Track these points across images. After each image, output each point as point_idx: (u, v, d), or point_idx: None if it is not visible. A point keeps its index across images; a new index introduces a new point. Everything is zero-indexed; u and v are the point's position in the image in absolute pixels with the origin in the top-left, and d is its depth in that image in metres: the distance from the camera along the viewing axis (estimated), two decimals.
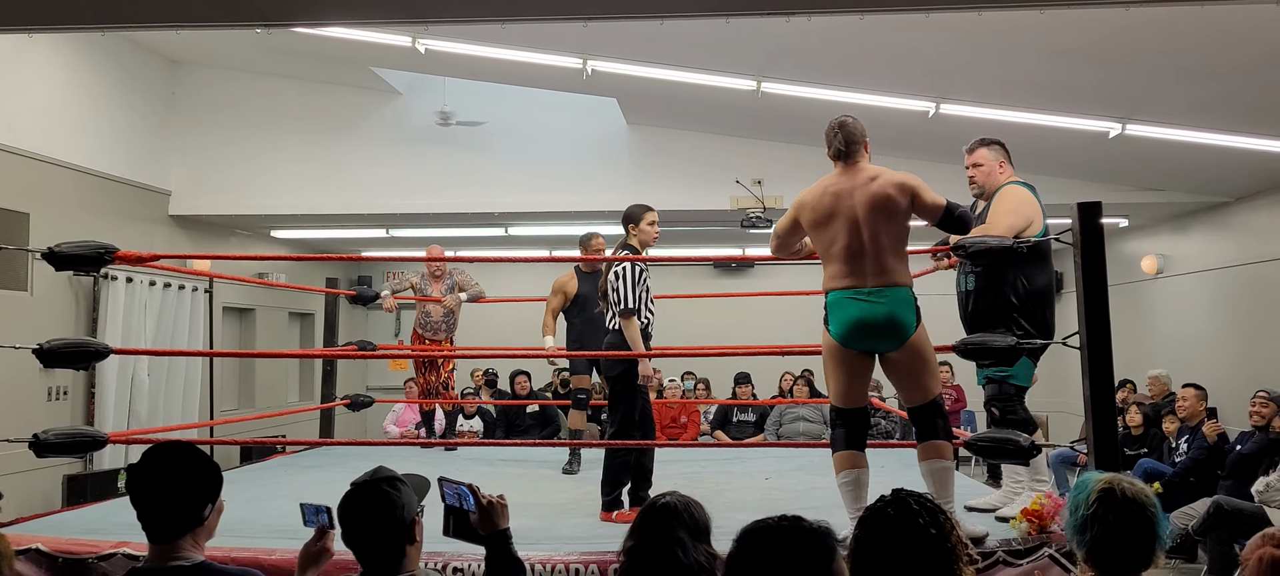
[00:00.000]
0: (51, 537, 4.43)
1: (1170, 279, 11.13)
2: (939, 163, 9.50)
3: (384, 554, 2.64)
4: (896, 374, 4.32)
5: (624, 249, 5.53)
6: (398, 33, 7.50)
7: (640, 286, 5.36)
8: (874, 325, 4.17)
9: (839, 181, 4.30)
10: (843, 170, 4.33)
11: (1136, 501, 2.47)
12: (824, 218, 4.26)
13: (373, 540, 2.65)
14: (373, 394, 9.49)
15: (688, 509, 2.83)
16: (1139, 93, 7.22)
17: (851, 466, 4.22)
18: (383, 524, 2.64)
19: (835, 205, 4.24)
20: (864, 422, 4.34)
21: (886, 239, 4.22)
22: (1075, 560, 3.79)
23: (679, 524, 2.75)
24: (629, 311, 5.31)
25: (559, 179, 9.95)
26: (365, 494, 2.68)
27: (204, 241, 10.62)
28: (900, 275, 4.23)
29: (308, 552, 3.00)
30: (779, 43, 6.88)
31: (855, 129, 4.35)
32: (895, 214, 4.24)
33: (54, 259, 4.86)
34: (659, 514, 2.80)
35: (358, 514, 2.66)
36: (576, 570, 4.11)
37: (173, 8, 4.69)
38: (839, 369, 4.30)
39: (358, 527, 2.66)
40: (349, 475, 2.77)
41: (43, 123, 8.24)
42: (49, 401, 8.18)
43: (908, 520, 2.16)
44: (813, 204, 4.31)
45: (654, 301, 5.54)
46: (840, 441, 4.31)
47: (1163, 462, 8.04)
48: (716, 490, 5.48)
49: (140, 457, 2.63)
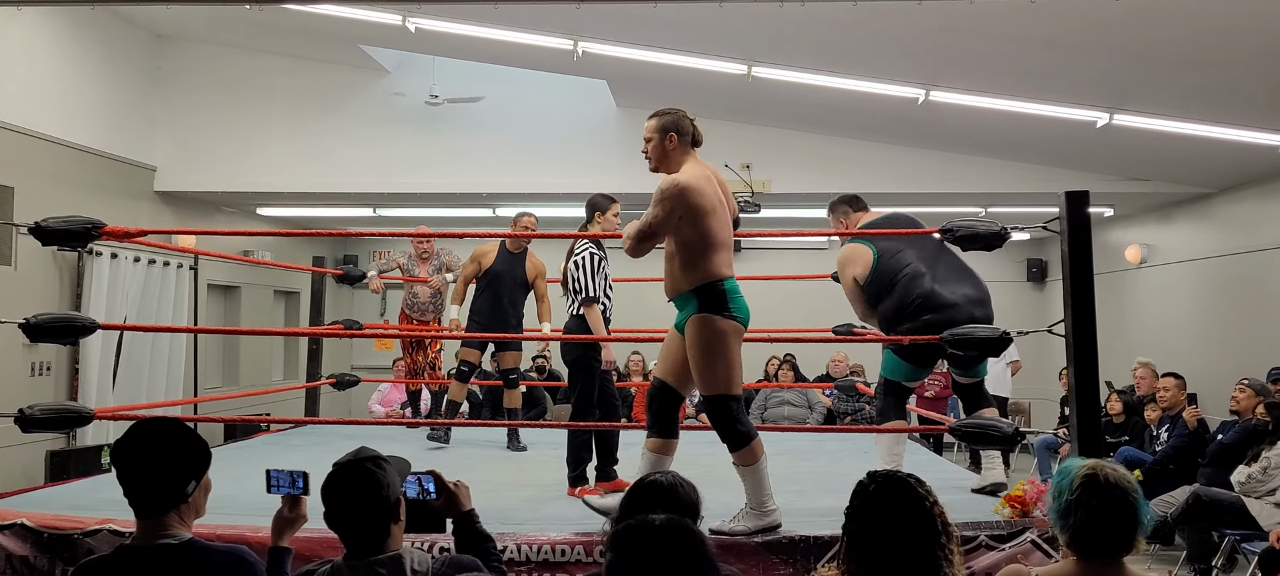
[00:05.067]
0: (36, 513, 4.42)
1: (1154, 268, 11.20)
2: (928, 149, 9.55)
3: (368, 533, 2.64)
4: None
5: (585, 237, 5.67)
6: (387, 10, 7.47)
7: (599, 274, 5.53)
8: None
9: (706, 168, 4.33)
10: (699, 157, 4.36)
11: (1119, 487, 2.51)
12: (717, 204, 4.24)
13: (357, 519, 2.64)
14: (358, 373, 9.48)
15: (678, 487, 2.84)
16: (1127, 83, 7.25)
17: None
18: (367, 503, 2.63)
19: (718, 192, 4.28)
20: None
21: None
22: (1057, 545, 3.83)
23: (668, 502, 2.75)
24: (589, 299, 5.48)
25: (548, 160, 9.93)
26: (349, 473, 2.67)
27: (189, 218, 10.57)
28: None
29: (281, 519, 3.01)
30: (771, 27, 6.88)
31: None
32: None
33: (41, 234, 4.85)
34: (648, 492, 2.80)
35: (342, 494, 2.65)
36: (562, 549, 4.14)
37: None
38: (738, 354, 4.29)
39: (342, 507, 2.64)
40: (334, 454, 2.77)
41: (27, 96, 8.18)
42: (32, 376, 8.15)
43: (905, 496, 2.29)
44: (710, 191, 4.24)
45: (612, 287, 5.69)
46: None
47: (1144, 450, 8.10)
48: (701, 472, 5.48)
49: (126, 432, 2.62)
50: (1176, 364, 8.59)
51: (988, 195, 10.07)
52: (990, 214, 10.61)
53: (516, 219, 7.22)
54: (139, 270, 9.33)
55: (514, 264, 7.23)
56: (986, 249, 4.70)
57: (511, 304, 7.24)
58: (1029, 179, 9.64)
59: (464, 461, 6.22)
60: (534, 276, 7.32)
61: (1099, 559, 2.53)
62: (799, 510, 4.63)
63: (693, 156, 4.34)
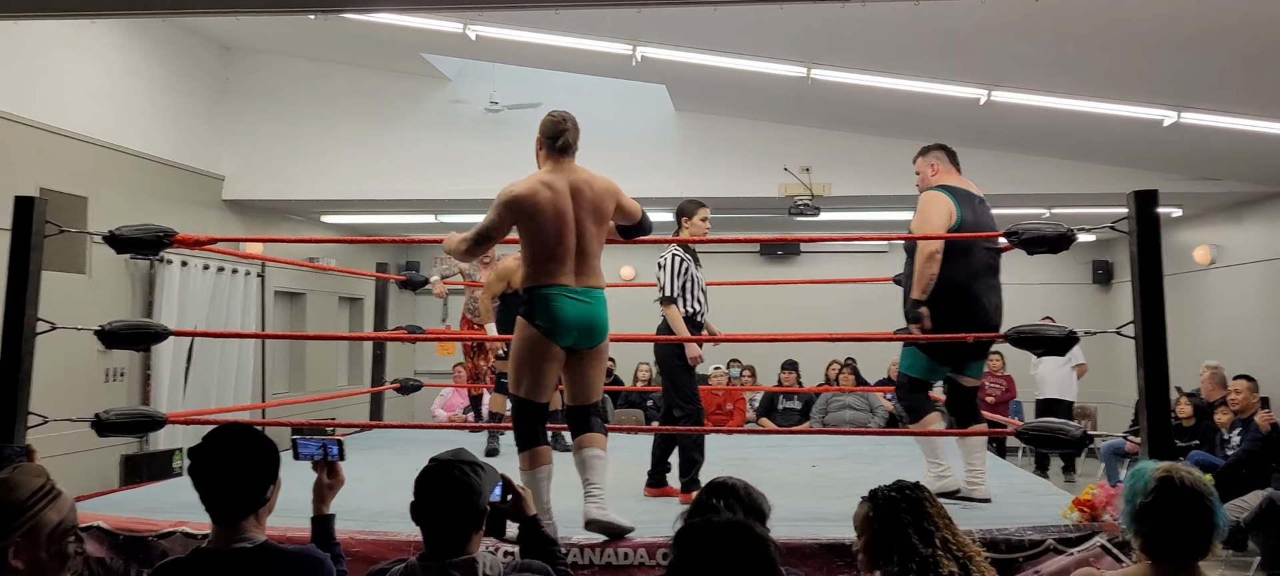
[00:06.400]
0: (112, 516, 4.53)
1: (1224, 269, 10.96)
2: (990, 150, 9.43)
3: (454, 535, 2.63)
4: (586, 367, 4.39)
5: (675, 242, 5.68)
6: (448, 19, 7.55)
7: (682, 276, 5.56)
8: (583, 324, 4.28)
9: (563, 176, 4.32)
10: (559, 165, 4.35)
11: (1194, 491, 2.47)
12: (545, 213, 4.24)
13: (446, 520, 2.64)
14: (421, 378, 9.58)
15: (747, 491, 2.85)
16: (1194, 80, 7.11)
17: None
18: (458, 505, 2.63)
19: (555, 201, 4.26)
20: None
21: (599, 241, 4.38)
22: (1128, 549, 3.78)
23: (738, 504, 2.76)
24: (667, 299, 5.54)
25: (607, 166, 9.74)
26: (446, 473, 2.66)
27: (256, 226, 10.77)
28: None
29: (321, 486, 3.08)
30: (830, 29, 6.85)
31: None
32: (606, 217, 4.44)
33: (115, 242, 4.96)
34: (718, 493, 2.81)
35: (435, 492, 2.64)
36: (624, 554, 4.13)
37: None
38: (537, 361, 4.30)
39: (433, 505, 2.64)
40: (399, 457, 2.81)
41: (100, 108, 8.40)
42: (107, 382, 8.35)
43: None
44: (544, 199, 4.25)
45: (704, 291, 5.69)
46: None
47: (1214, 454, 7.93)
48: (764, 475, 5.48)
49: (202, 439, 2.65)
50: (1248, 366, 8.40)
51: (1052, 196, 9.92)
52: (1054, 215, 10.46)
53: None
54: (208, 277, 9.52)
55: None
56: (1053, 251, 4.61)
57: None
58: (1093, 179, 9.48)
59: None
60: None
61: (1172, 563, 2.48)
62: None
63: (551, 163, 4.35)
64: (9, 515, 2.25)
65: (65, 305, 7.58)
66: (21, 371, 4.63)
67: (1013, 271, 10.78)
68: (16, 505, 2.27)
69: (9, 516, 2.25)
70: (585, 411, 4.39)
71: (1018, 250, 4.77)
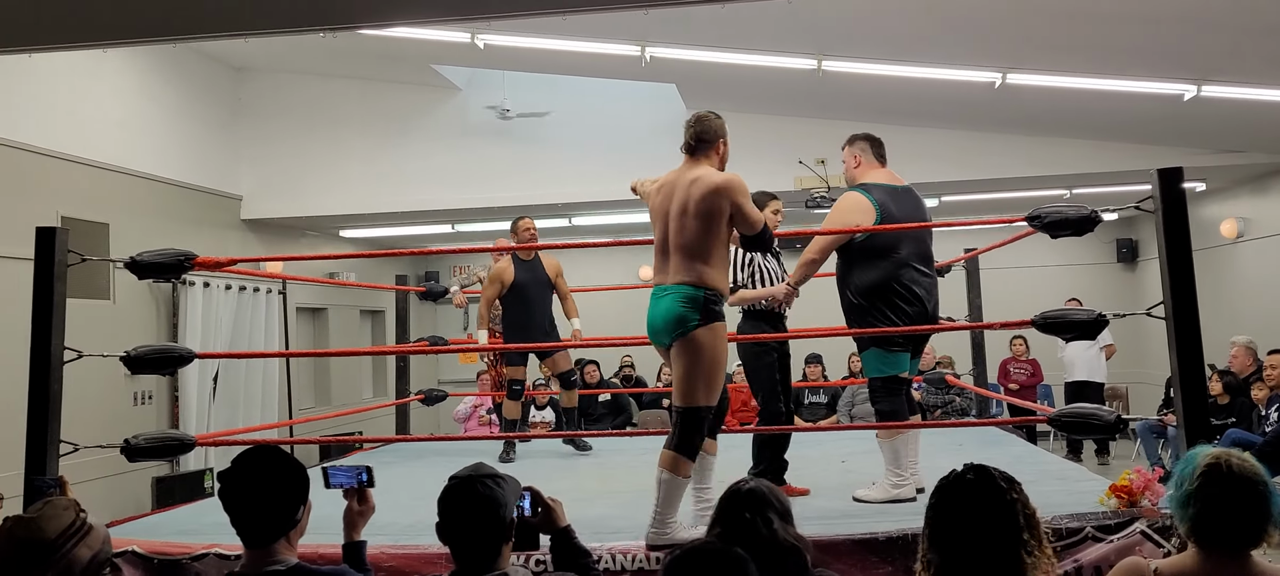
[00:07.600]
0: (146, 540, 4.53)
1: (1252, 242, 10.83)
2: (1007, 134, 9.37)
3: (482, 551, 2.62)
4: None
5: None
6: (457, 29, 7.55)
7: (747, 266, 5.52)
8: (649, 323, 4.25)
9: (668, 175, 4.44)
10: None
11: (1245, 477, 2.41)
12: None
13: (472, 537, 2.62)
14: (445, 388, 9.58)
15: (774, 492, 2.84)
16: (1213, 53, 7.03)
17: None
18: (484, 521, 2.61)
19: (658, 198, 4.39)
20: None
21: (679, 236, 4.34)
22: (1168, 535, 3.72)
23: (768, 506, 2.75)
24: (734, 287, 5.38)
25: (621, 167, 9.91)
26: (468, 490, 2.64)
27: (275, 244, 10.81)
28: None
29: (351, 513, 3.05)
30: (840, 20, 6.81)
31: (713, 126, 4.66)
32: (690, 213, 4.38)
33: (136, 268, 4.97)
34: (746, 497, 2.79)
35: (459, 510, 2.62)
36: (657, 559, 4.10)
37: (241, 16, 4.78)
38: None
39: (458, 523, 2.62)
40: (428, 470, 2.80)
41: (118, 135, 8.45)
42: (135, 406, 8.40)
43: (986, 489, 2.29)
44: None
45: (774, 276, 5.58)
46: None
47: (1252, 431, 7.82)
48: (793, 471, 5.44)
49: (231, 464, 2.65)
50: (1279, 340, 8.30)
51: (1072, 177, 9.83)
52: (1075, 195, 10.37)
53: (515, 225, 7.23)
54: (231, 297, 9.56)
55: (534, 270, 7.19)
56: (1077, 234, 4.53)
57: (543, 310, 7.23)
58: (1114, 157, 9.39)
59: (552, 471, 6.23)
60: (555, 275, 7.28)
61: (1223, 550, 2.43)
62: (897, 507, 4.57)
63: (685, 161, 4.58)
64: (40, 554, 2.25)
65: (91, 331, 7.64)
66: (51, 401, 4.64)
67: (1034, 254, 10.80)
68: (47, 545, 2.27)
69: (40, 556, 2.25)
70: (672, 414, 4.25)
71: (1040, 233, 4.71)
